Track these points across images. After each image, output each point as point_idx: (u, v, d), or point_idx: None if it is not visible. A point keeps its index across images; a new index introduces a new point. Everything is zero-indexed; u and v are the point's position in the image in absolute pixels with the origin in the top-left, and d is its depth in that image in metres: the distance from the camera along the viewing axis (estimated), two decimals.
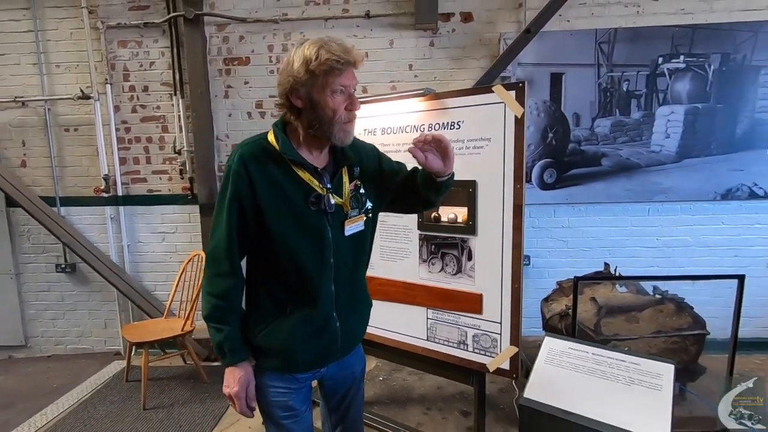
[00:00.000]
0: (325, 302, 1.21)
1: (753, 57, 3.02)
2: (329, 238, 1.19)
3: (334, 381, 1.38)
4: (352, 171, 1.26)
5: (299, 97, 1.11)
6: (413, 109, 2.03)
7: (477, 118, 1.85)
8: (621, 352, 1.62)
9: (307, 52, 1.07)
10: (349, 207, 1.23)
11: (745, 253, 3.20)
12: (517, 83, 1.75)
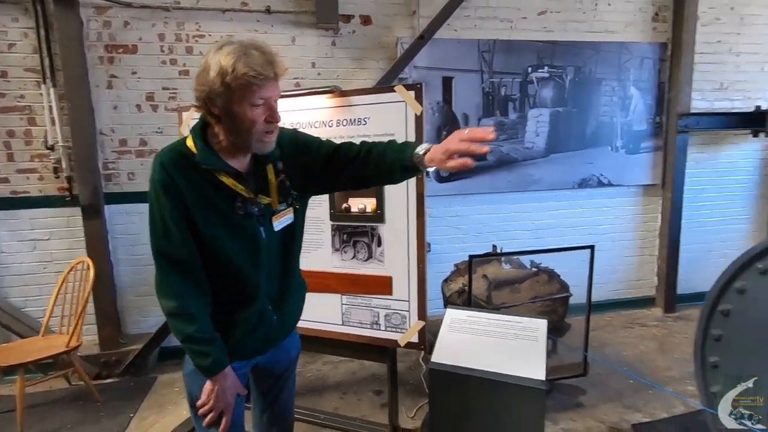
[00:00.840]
0: (262, 300, 1.24)
1: (597, 71, 3.71)
2: (262, 238, 1.20)
3: (269, 364, 1.41)
4: (276, 166, 1.25)
5: (216, 107, 1.07)
6: (322, 105, 2.12)
7: (381, 115, 2.01)
8: (507, 315, 1.92)
9: (224, 62, 1.00)
10: (278, 203, 1.23)
11: (597, 231, 3.91)
12: (416, 84, 1.95)
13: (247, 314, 1.23)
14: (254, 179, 1.20)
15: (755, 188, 4.11)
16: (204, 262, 1.15)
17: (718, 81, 3.91)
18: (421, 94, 1.93)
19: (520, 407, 1.61)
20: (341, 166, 1.29)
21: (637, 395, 2.68)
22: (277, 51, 1.08)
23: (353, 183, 1.34)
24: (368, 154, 1.27)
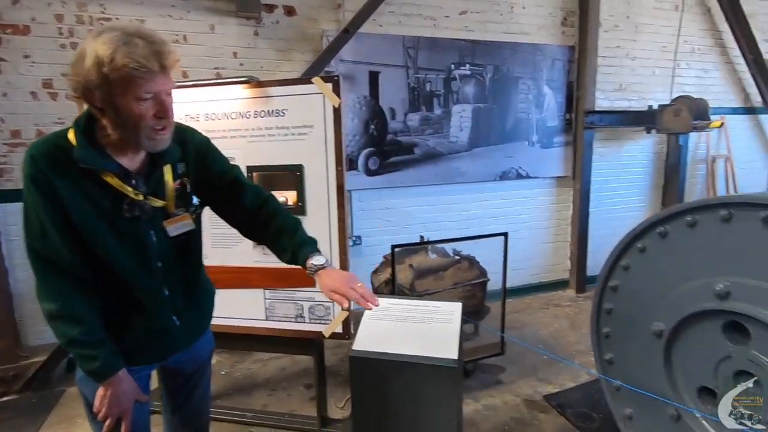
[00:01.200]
0: (161, 307, 1.18)
1: (514, 70, 3.94)
2: (154, 243, 1.13)
3: (178, 364, 1.36)
4: (176, 168, 1.17)
5: (96, 98, 0.96)
6: (238, 96, 2.06)
7: (299, 107, 2.00)
8: (425, 300, 2.01)
9: (101, 51, 0.90)
10: (174, 207, 1.16)
11: (516, 220, 4.18)
12: (333, 76, 1.97)
13: (147, 321, 1.17)
14: (147, 180, 1.11)
15: (650, 179, 4.62)
16: (93, 264, 1.08)
17: (618, 82, 4.34)
18: (339, 87, 1.95)
19: (436, 387, 1.69)
20: (236, 209, 1.30)
21: (550, 369, 2.92)
22: (167, 40, 1.00)
23: (238, 228, 1.36)
24: (266, 224, 1.29)
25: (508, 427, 2.35)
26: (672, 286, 1.72)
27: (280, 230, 1.28)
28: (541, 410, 2.49)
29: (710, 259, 1.59)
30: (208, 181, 1.25)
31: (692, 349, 1.68)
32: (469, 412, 2.47)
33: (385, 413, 1.78)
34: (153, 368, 1.31)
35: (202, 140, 1.27)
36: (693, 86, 4.64)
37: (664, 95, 4.47)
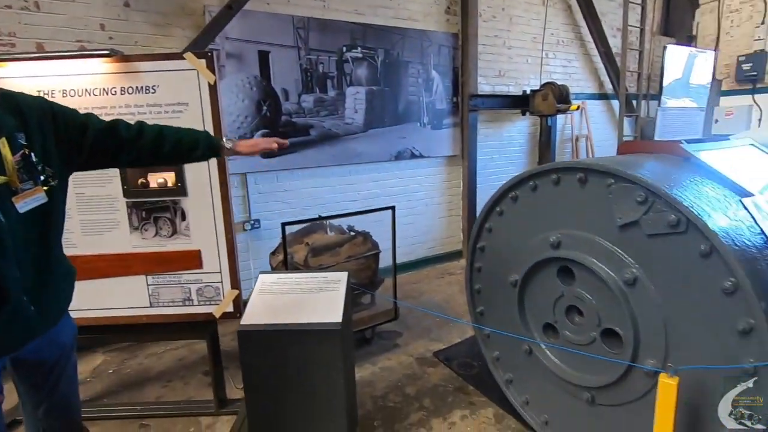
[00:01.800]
0: (11, 288, 1.10)
1: (404, 54, 4.14)
2: (2, 223, 1.06)
3: (35, 355, 1.27)
4: (14, 140, 1.09)
5: None
6: (101, 70, 1.92)
7: (172, 84, 1.93)
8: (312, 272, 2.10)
9: None
10: (18, 182, 1.09)
11: (413, 197, 4.44)
12: (206, 52, 1.93)
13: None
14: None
15: (527, 156, 5.20)
16: None
17: (497, 69, 4.77)
18: (213, 63, 1.91)
19: (322, 350, 1.80)
20: (119, 149, 1.29)
21: (442, 330, 3.22)
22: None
23: (138, 163, 1.40)
24: (160, 142, 1.34)
25: (401, 383, 2.57)
26: (522, 242, 2.02)
27: (179, 138, 1.40)
28: (431, 365, 2.76)
29: (547, 216, 1.90)
30: (72, 140, 1.21)
31: (537, 293, 2.00)
32: (366, 375, 2.65)
33: (277, 383, 1.85)
34: (4, 361, 1.22)
35: (40, 103, 1.19)
36: (559, 74, 5.28)
37: (536, 81, 5.03)
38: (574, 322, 1.85)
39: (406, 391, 2.49)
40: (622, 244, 1.61)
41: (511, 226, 2.09)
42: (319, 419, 1.87)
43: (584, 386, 1.81)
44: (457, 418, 2.25)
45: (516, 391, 2.20)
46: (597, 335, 1.75)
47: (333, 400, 1.85)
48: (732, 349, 1.34)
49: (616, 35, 5.54)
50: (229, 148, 1.51)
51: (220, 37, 3.22)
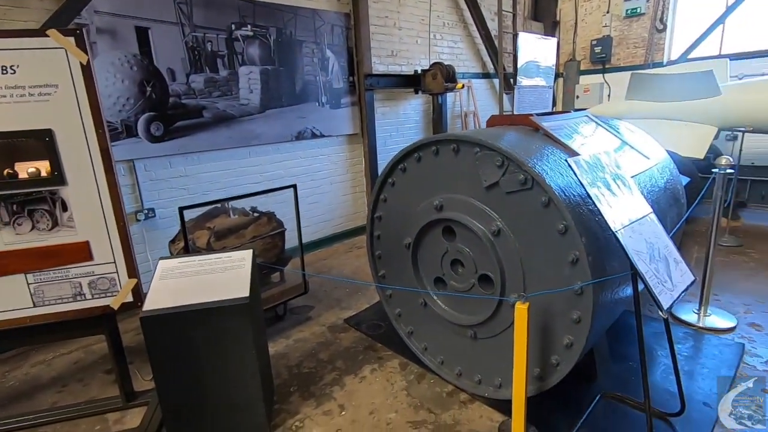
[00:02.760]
0: None
1: (297, 33, 4.13)
2: None
3: None
4: None
5: None
6: None
7: (35, 64, 1.77)
8: (216, 253, 2.13)
9: None
10: None
11: (317, 176, 4.53)
12: (75, 29, 1.79)
13: None
14: None
15: (421, 133, 5.56)
16: None
17: (390, 49, 4.99)
18: (84, 41, 1.79)
19: (231, 326, 1.87)
20: None
21: (351, 299, 3.43)
22: None
23: None
24: None
25: (314, 351, 2.72)
26: (412, 208, 2.26)
27: None
28: (342, 331, 2.95)
29: (431, 183, 2.16)
30: None
31: (427, 251, 2.27)
32: (281, 348, 2.75)
33: (187, 364, 1.88)
34: None
35: None
36: (446, 54, 5.68)
37: (426, 61, 5.36)
38: (458, 273, 2.16)
39: (320, 357, 2.65)
40: (488, 202, 1.92)
41: (403, 194, 2.32)
42: (235, 394, 1.95)
43: (468, 325, 2.14)
44: (367, 372, 2.48)
45: (416, 341, 2.49)
46: (475, 281, 2.07)
47: (247, 373, 1.93)
48: (566, 276, 1.72)
49: (494, 19, 6.08)
50: None
51: (88, 11, 2.92)
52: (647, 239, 1.65)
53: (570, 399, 2.08)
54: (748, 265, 3.61)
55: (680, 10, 6.17)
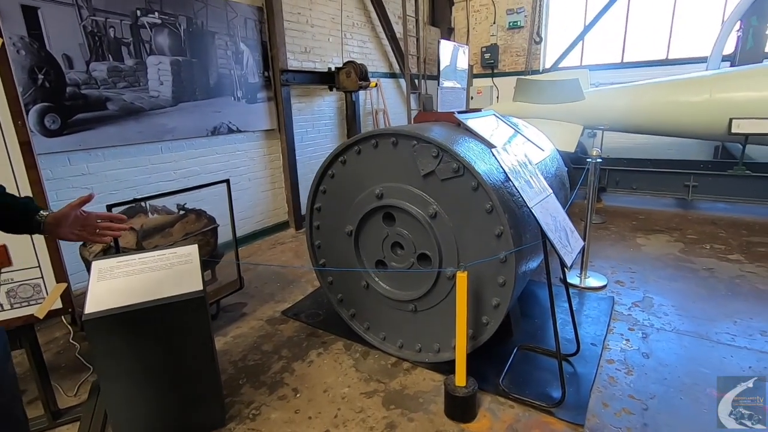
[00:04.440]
0: None
1: (208, 24, 3.97)
2: None
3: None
4: None
5: None
6: None
7: None
8: (159, 250, 2.06)
9: None
10: None
11: (235, 173, 4.42)
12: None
13: None
14: None
15: (337, 128, 5.71)
16: None
17: (303, 46, 5.04)
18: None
19: (186, 320, 1.85)
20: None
21: (284, 292, 3.47)
22: None
23: None
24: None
25: (257, 344, 2.74)
26: (353, 197, 2.43)
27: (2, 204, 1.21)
28: (281, 322, 3.00)
29: (371, 174, 2.35)
30: None
31: (368, 237, 2.46)
32: (221, 346, 2.71)
33: (138, 366, 1.81)
34: None
35: None
36: (357, 53, 5.90)
37: (338, 59, 5.51)
38: (398, 254, 2.39)
39: (264, 349, 2.68)
40: (425, 189, 2.18)
41: (343, 185, 2.48)
42: (190, 390, 1.92)
43: (408, 300, 2.39)
44: (314, 356, 2.59)
45: (359, 321, 2.67)
46: (414, 260, 2.32)
47: (203, 367, 1.93)
48: (493, 248, 2.06)
49: (398, 22, 6.47)
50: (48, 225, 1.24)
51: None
52: (551, 214, 2.05)
53: (494, 354, 2.45)
54: (611, 237, 4.48)
55: (551, 26, 7.24)
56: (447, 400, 2.06)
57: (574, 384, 2.21)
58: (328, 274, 2.70)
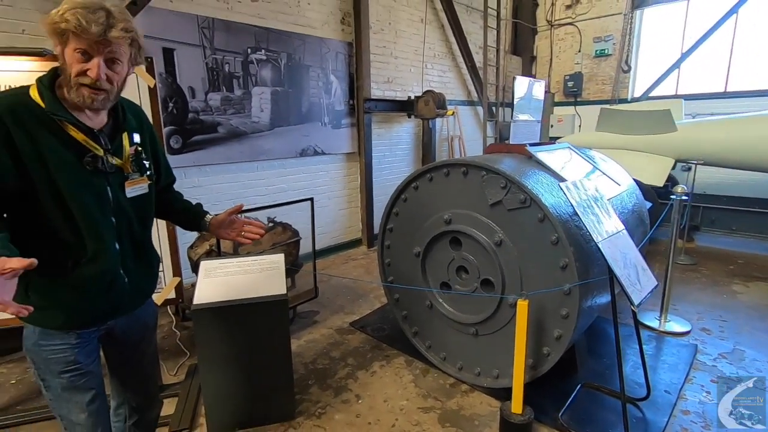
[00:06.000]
0: (110, 260, 1.24)
1: (305, 59, 4.47)
2: (109, 197, 1.22)
3: (126, 331, 1.41)
4: (131, 136, 1.30)
5: (55, 43, 1.11)
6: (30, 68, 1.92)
7: None
8: (252, 256, 2.39)
9: (62, 7, 1.07)
10: (130, 169, 1.28)
11: (318, 191, 4.82)
12: (146, 58, 2.06)
13: (95, 272, 1.22)
14: (108, 140, 1.24)
15: (413, 153, 5.96)
16: (36, 214, 1.14)
17: (386, 76, 5.40)
18: (153, 66, 2.07)
19: (270, 319, 2.13)
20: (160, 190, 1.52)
21: (354, 305, 3.70)
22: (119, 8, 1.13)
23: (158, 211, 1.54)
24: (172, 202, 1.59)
25: (326, 350, 2.98)
26: (423, 221, 2.60)
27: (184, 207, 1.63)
28: (349, 333, 3.22)
29: (441, 200, 2.51)
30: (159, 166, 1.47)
31: (435, 259, 2.60)
32: (295, 348, 2.99)
33: (229, 353, 2.12)
34: (100, 332, 1.35)
35: (152, 128, 1.45)
36: (436, 82, 6.16)
37: (418, 88, 5.80)
38: (462, 278, 2.50)
39: (332, 355, 2.91)
40: (492, 217, 2.28)
41: (414, 209, 2.66)
42: (268, 381, 2.19)
43: (470, 323, 2.47)
44: (377, 368, 2.75)
45: (421, 339, 2.80)
46: (478, 284, 2.41)
47: (280, 362, 2.19)
48: (557, 279, 2.09)
49: (478, 52, 6.64)
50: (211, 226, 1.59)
51: None
52: (621, 250, 2.04)
53: (556, 388, 2.42)
54: (701, 280, 4.12)
55: (642, 54, 6.92)
56: (502, 426, 2.10)
57: (640, 429, 2.12)
58: (395, 291, 2.87)
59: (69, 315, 1.24)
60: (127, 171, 1.28)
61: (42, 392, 1.34)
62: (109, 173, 1.24)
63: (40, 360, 1.27)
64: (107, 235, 1.24)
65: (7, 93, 1.15)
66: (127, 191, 1.29)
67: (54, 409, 1.34)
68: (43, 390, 1.32)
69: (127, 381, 1.52)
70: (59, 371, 1.27)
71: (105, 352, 1.46)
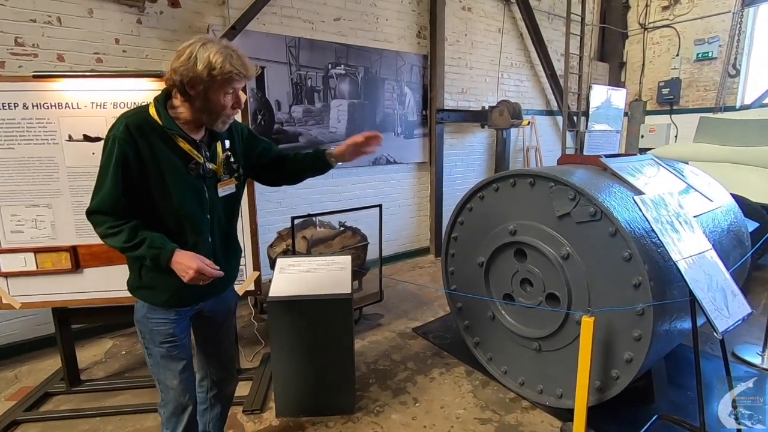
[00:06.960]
0: (205, 250, 1.48)
1: (381, 72, 4.67)
2: (206, 197, 1.48)
3: (213, 312, 1.68)
4: (224, 143, 1.54)
5: (195, 89, 1.33)
6: (149, 88, 2.29)
7: None
8: (322, 256, 2.57)
9: (213, 59, 1.29)
10: (222, 172, 1.52)
11: (388, 198, 4.97)
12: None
13: None
14: (206, 149, 1.48)
15: (485, 164, 5.89)
16: (152, 212, 1.39)
17: (461, 86, 5.43)
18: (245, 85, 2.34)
19: (336, 316, 2.28)
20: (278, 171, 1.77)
21: (417, 311, 3.76)
22: None
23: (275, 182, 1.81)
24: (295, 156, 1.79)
25: (387, 352, 3.07)
26: (487, 231, 2.60)
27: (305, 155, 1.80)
28: (411, 338, 3.28)
29: (506, 210, 2.49)
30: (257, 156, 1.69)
31: (498, 270, 2.58)
32: (358, 347, 3.12)
33: (297, 344, 2.30)
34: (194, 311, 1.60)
35: (243, 126, 1.68)
36: (512, 92, 6.04)
37: (493, 98, 5.74)
38: (526, 291, 2.45)
39: (393, 358, 2.99)
40: (559, 230, 2.22)
41: (479, 219, 2.67)
42: (332, 374, 2.33)
43: (533, 338, 2.40)
44: (436, 374, 2.78)
45: (482, 351, 2.77)
46: (543, 298, 2.35)
47: (344, 357, 2.32)
48: (629, 298, 1.97)
49: (560, 60, 6.38)
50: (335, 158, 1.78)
51: None
52: (706, 271, 1.87)
53: (628, 416, 2.26)
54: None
55: (754, 56, 6.15)
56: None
57: None
58: (457, 300, 2.88)
59: (171, 295, 1.48)
60: (219, 174, 1.51)
61: (146, 360, 1.59)
62: (207, 177, 1.47)
63: (146, 330, 1.53)
64: (204, 229, 1.48)
65: (133, 112, 1.40)
66: (219, 191, 1.51)
67: (154, 374, 1.58)
68: (147, 357, 1.57)
69: (210, 356, 1.76)
70: (160, 341, 1.51)
71: (194, 331, 1.69)
